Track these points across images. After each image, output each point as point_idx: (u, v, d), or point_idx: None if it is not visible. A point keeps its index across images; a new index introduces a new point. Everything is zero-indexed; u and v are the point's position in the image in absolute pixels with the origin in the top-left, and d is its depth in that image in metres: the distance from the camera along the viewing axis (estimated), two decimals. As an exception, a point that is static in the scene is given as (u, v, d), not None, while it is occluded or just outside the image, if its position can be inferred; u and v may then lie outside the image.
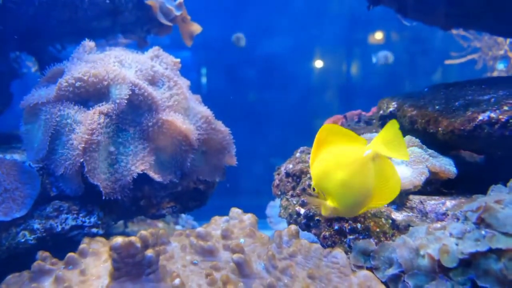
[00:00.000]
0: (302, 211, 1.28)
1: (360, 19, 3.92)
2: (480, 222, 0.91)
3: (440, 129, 1.20)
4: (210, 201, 1.65)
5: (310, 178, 1.33)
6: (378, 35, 3.96)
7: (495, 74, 3.35)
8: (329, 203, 0.95)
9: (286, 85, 4.01)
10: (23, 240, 1.19)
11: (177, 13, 1.86)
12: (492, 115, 1.09)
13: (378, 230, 1.10)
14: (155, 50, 1.51)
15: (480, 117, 1.10)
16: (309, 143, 1.72)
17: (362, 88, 3.95)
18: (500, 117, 1.07)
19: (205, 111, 1.48)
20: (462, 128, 1.13)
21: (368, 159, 0.85)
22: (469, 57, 3.32)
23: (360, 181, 0.87)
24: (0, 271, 1.11)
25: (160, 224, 2.30)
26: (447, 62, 3.40)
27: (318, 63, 4.09)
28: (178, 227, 2.46)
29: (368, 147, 0.86)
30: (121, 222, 1.97)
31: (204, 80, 4.09)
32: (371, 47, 4.02)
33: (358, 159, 0.86)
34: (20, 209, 1.18)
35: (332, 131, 0.93)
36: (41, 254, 1.11)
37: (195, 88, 1.63)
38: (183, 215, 2.55)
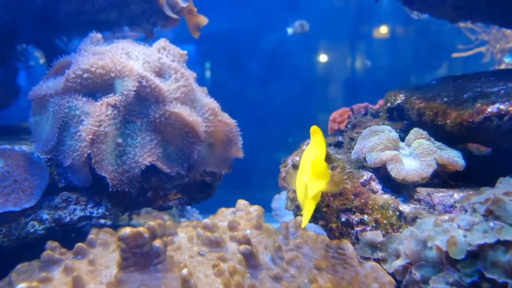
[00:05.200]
0: (309, 203, 1.28)
1: (366, 13, 3.89)
2: (489, 214, 0.91)
3: (448, 121, 1.19)
4: (215, 195, 1.65)
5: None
6: (384, 29, 3.92)
7: (502, 67, 3.31)
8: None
9: (291, 79, 3.99)
10: (32, 230, 1.20)
11: (184, 5, 1.86)
12: (502, 107, 1.08)
13: (385, 222, 1.10)
14: (162, 42, 1.51)
15: (489, 109, 1.09)
16: (315, 137, 1.71)
17: (368, 82, 3.92)
18: (510, 109, 1.06)
19: (212, 103, 1.48)
20: (470, 120, 1.12)
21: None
22: (476, 50, 3.27)
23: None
24: (10, 261, 1.12)
25: (166, 217, 2.31)
26: (454, 55, 3.36)
27: (324, 57, 4.06)
28: (183, 220, 2.47)
29: (307, 174, 1.03)
30: (126, 215, 1.98)
31: (208, 74, 4.08)
32: (377, 41, 3.99)
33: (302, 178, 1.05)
34: (29, 199, 1.19)
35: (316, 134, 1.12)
36: (50, 244, 1.12)
37: (199, 82, 1.62)
38: (188, 208, 2.56)
